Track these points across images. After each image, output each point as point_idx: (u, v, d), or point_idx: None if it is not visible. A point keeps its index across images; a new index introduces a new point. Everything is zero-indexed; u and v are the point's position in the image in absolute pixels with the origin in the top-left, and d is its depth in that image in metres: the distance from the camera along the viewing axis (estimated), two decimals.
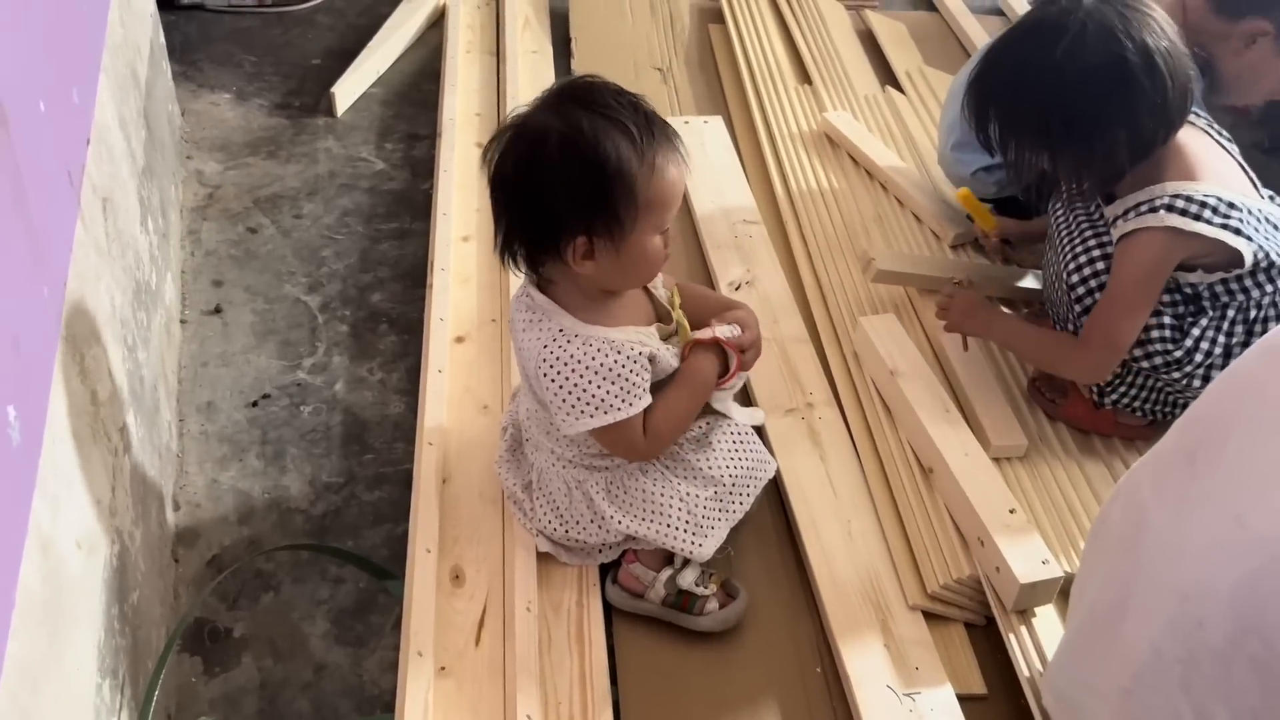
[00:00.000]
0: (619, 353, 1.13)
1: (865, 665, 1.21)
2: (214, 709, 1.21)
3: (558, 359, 1.12)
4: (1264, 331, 1.33)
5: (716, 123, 2.13)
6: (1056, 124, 1.32)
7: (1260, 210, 1.34)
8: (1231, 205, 1.30)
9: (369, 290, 1.79)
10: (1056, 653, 1.10)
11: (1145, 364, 1.37)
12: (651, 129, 1.07)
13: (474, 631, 1.23)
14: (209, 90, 2.26)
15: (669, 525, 1.22)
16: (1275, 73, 1.65)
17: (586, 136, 1.05)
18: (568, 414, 1.14)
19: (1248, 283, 1.33)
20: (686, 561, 1.24)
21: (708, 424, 1.29)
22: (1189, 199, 1.30)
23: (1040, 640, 1.21)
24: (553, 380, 1.13)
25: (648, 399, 1.16)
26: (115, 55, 1.52)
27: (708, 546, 1.23)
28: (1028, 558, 1.25)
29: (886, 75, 2.36)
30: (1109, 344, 1.36)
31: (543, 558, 1.29)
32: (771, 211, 1.92)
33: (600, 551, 1.28)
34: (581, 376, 1.12)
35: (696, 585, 1.24)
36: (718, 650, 1.24)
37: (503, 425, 1.35)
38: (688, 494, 1.23)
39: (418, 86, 2.32)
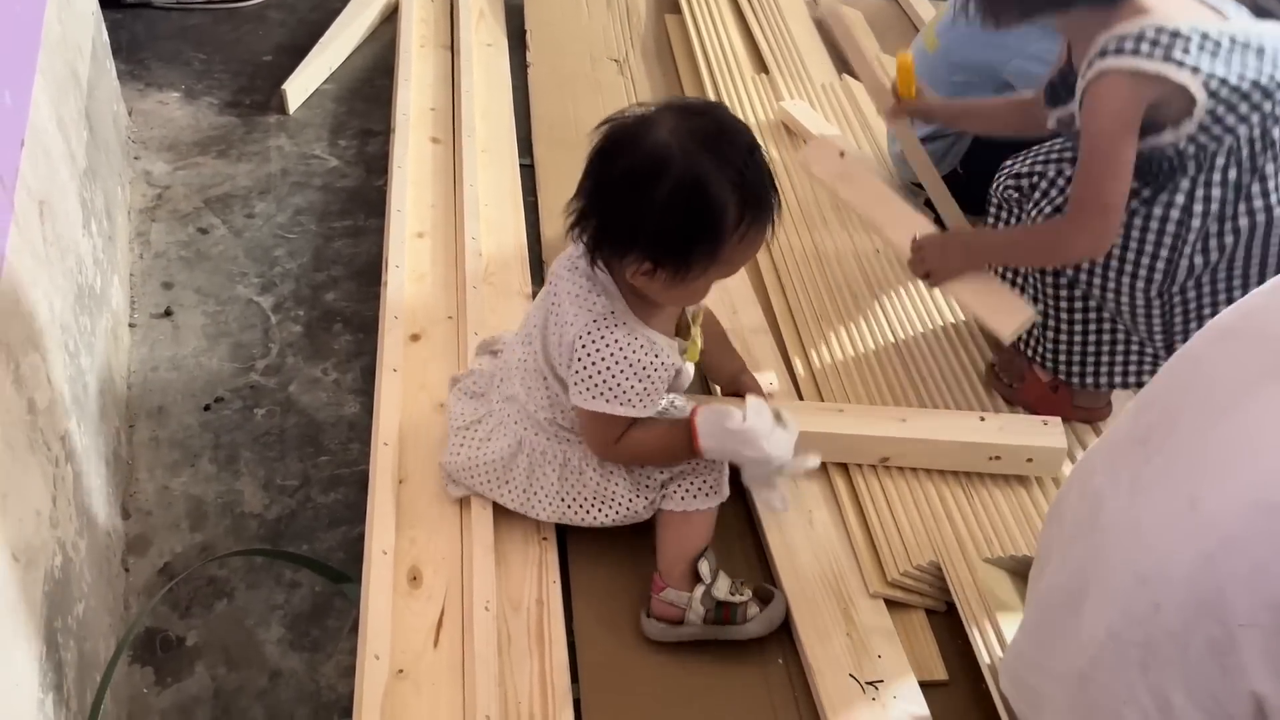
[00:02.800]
0: (655, 355, 1.15)
1: (827, 655, 1.21)
2: (166, 719, 1.19)
3: (602, 338, 1.13)
4: (1274, 166, 1.26)
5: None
6: None
7: (1222, 31, 1.22)
8: (1175, 34, 1.20)
9: (323, 290, 1.77)
10: (1014, 638, 1.10)
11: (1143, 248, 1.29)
12: (759, 198, 1.07)
13: (432, 633, 1.21)
14: (157, 89, 2.21)
15: (597, 516, 1.26)
16: None
17: (699, 189, 1.03)
18: (585, 390, 1.15)
19: (1229, 120, 1.22)
20: (713, 576, 1.22)
21: None
22: (1122, 38, 1.21)
23: (1001, 626, 1.21)
24: (589, 355, 1.14)
25: (656, 408, 1.18)
26: (53, 54, 1.48)
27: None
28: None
29: (844, 63, 2.35)
30: (1101, 207, 1.26)
31: (501, 556, 1.28)
32: None
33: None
34: (616, 364, 1.13)
35: (733, 594, 1.22)
36: (679, 645, 1.23)
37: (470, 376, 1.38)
38: (631, 497, 1.25)
39: (371, 82, 2.29)
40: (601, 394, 1.14)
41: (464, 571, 1.27)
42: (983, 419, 1.40)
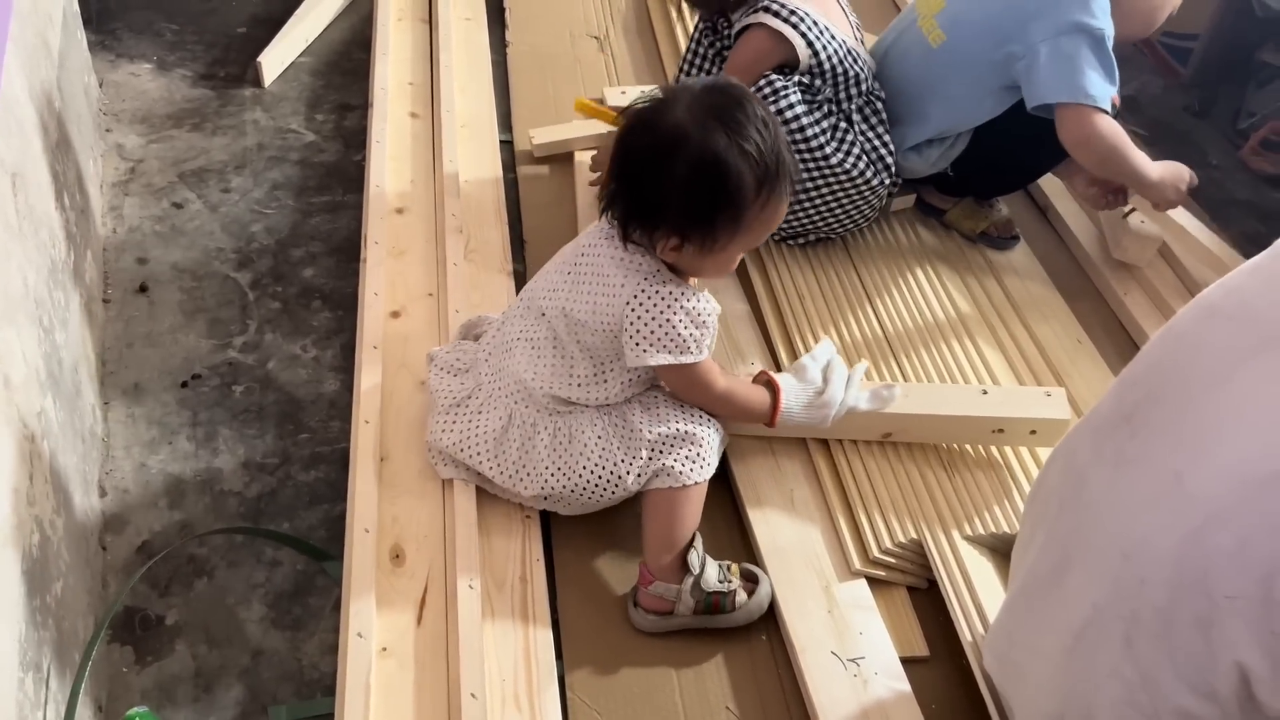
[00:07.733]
0: (706, 302, 1.20)
1: (809, 632, 1.22)
2: (146, 698, 1.18)
3: (656, 293, 1.16)
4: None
5: (655, 93, 2.10)
6: None
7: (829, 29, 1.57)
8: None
9: (301, 266, 1.75)
10: (998, 615, 1.11)
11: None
12: (778, 166, 1.12)
13: (415, 611, 1.21)
14: (128, 60, 2.17)
15: (591, 492, 1.26)
16: (1173, 2, 1.64)
17: (718, 161, 1.09)
18: (646, 345, 1.17)
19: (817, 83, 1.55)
20: (702, 566, 1.22)
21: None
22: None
23: (981, 602, 1.22)
24: (646, 311, 1.16)
25: (709, 351, 1.22)
26: (23, 23, 1.45)
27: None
28: None
29: None
30: None
31: (484, 534, 1.27)
32: None
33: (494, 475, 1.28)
34: (675, 314, 1.16)
35: (721, 583, 1.22)
36: None
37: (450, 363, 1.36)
38: (621, 459, 1.24)
39: (348, 55, 2.25)
40: (664, 347, 1.17)
41: (447, 549, 1.26)
42: (985, 392, 1.41)
